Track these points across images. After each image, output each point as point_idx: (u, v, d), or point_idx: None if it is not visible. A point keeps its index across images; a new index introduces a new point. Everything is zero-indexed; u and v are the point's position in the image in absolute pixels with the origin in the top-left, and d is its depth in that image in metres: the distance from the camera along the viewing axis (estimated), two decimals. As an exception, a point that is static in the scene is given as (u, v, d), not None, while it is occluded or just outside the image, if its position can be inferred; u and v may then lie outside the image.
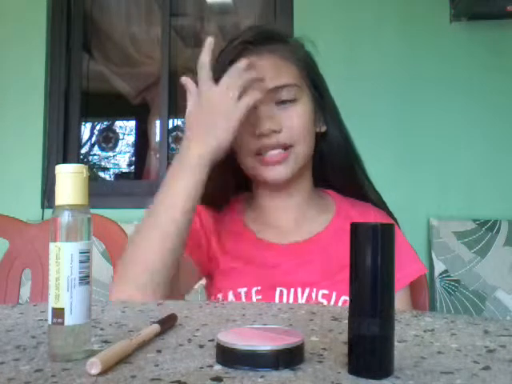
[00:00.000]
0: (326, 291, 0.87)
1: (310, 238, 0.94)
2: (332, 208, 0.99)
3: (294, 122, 0.90)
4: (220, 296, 0.90)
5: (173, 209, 0.81)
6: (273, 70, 0.91)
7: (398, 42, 2.27)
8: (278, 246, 0.94)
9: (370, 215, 0.97)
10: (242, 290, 0.88)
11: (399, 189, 2.14)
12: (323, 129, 0.97)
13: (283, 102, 0.90)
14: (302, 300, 0.87)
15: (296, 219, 0.97)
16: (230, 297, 0.89)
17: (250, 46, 0.92)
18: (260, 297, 0.87)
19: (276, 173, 0.89)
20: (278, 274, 0.90)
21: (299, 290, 0.88)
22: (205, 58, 0.83)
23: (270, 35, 0.96)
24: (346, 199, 1.01)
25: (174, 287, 0.85)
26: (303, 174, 0.97)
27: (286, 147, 0.89)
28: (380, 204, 1.00)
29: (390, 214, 1.01)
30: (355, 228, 0.44)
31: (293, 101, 0.91)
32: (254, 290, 0.88)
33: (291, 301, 0.87)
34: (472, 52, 2.23)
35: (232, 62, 0.86)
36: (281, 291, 0.88)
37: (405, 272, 0.93)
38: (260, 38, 0.94)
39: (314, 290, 0.88)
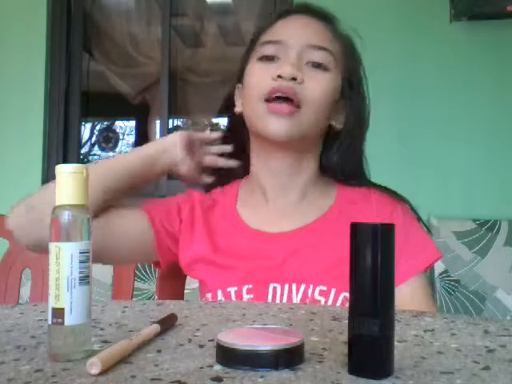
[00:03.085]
0: (324, 287, 0.80)
1: (305, 224, 0.88)
2: (333, 193, 0.93)
3: (316, 86, 0.85)
4: (209, 296, 0.85)
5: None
6: (313, 30, 0.89)
7: (397, 41, 2.27)
8: (270, 234, 0.88)
9: (372, 197, 0.93)
10: (232, 290, 0.83)
11: (399, 189, 2.12)
12: (338, 127, 0.92)
13: (313, 65, 0.86)
14: (296, 298, 0.81)
15: (295, 202, 0.91)
16: (219, 297, 0.83)
17: (296, 10, 0.94)
18: (252, 295, 0.82)
19: (280, 125, 0.83)
20: (271, 266, 0.84)
21: (294, 286, 0.81)
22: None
23: (319, 9, 0.94)
24: (349, 186, 0.95)
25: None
26: (310, 153, 0.92)
27: (295, 105, 0.83)
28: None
29: (396, 194, 0.98)
30: (355, 228, 0.44)
31: (323, 68, 0.87)
32: (245, 288, 0.82)
33: (285, 299, 0.81)
34: (472, 52, 2.22)
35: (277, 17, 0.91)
36: (274, 288, 0.82)
37: (420, 257, 0.87)
38: (307, 7, 0.94)
39: (311, 286, 0.81)
